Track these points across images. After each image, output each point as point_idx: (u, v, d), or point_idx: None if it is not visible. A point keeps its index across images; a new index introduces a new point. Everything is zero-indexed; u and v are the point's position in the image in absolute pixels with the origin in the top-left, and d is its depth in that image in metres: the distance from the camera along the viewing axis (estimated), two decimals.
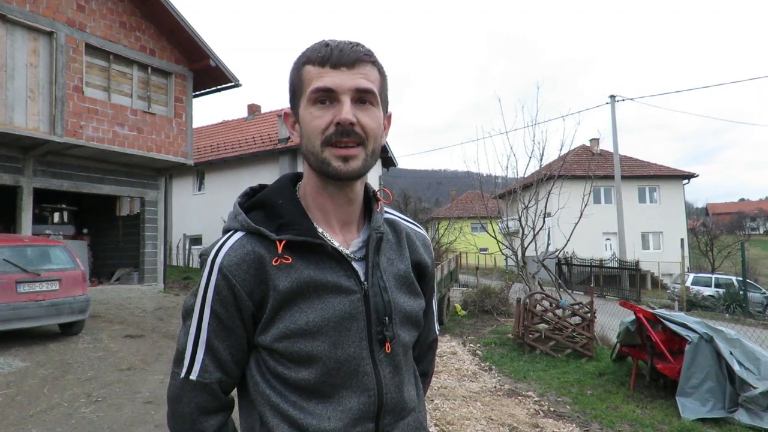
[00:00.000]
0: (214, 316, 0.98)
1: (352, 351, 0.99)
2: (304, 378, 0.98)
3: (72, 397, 5.41)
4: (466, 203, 43.02)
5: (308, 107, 0.99)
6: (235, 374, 1.03)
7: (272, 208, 1.03)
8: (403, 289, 1.09)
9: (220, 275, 0.97)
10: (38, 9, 11.13)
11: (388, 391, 1.02)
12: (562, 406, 5.74)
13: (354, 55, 0.98)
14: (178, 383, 1.01)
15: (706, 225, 38.61)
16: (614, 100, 21.95)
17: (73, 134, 11.48)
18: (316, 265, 0.99)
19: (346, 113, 0.95)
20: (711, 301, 16.95)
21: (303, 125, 1.01)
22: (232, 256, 0.98)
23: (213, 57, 14.06)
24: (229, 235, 1.02)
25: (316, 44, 1.03)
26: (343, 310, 0.99)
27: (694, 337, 5.46)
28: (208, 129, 26.25)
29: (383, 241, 1.08)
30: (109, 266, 15.11)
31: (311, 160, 1.01)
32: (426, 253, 1.19)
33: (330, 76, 0.97)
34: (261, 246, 0.99)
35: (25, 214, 11.55)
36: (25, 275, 7.30)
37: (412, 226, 1.21)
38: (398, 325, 1.05)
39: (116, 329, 8.78)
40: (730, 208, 79.55)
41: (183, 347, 1.01)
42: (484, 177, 12.20)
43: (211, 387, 1.00)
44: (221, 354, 1.00)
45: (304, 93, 1.00)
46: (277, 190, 1.07)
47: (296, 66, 1.02)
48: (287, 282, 0.97)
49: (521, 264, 10.10)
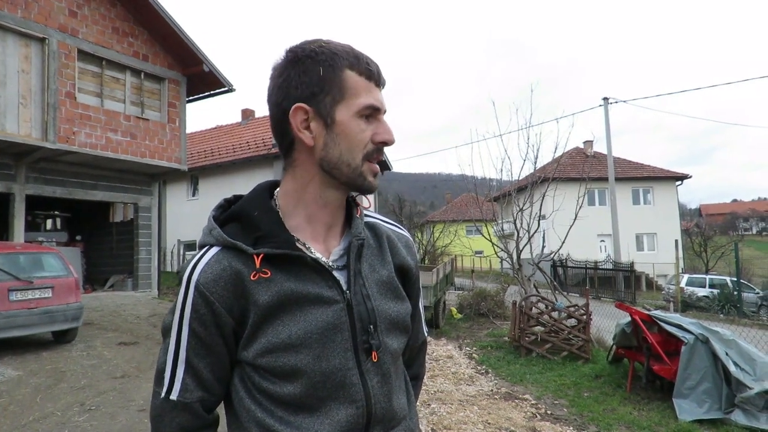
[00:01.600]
0: (193, 334, 0.96)
1: (338, 362, 0.97)
2: (289, 392, 0.95)
3: (65, 406, 5.35)
4: (461, 206, 43.07)
5: (356, 118, 0.97)
6: (217, 392, 1.01)
7: (248, 220, 1.00)
8: (388, 294, 1.07)
9: (197, 292, 0.95)
10: (30, 15, 11.08)
11: (376, 402, 1.00)
12: (559, 409, 5.74)
13: (384, 79, 1.03)
14: (159, 403, 0.99)
15: (700, 226, 38.83)
16: (607, 102, 22.05)
17: (65, 140, 11.43)
18: (296, 276, 0.97)
19: (391, 135, 1.00)
20: (706, 301, 17.03)
21: (344, 134, 0.97)
22: (209, 272, 0.95)
23: (206, 62, 14.04)
24: (205, 250, 0.99)
25: (347, 48, 0.99)
26: (326, 321, 0.96)
27: (690, 338, 5.47)
28: (201, 134, 26.18)
29: (364, 247, 1.06)
30: (103, 273, 15.03)
31: (344, 170, 0.98)
32: (409, 254, 1.16)
33: (377, 94, 1.00)
34: (238, 260, 0.96)
35: (17, 221, 11.47)
36: (18, 283, 7.23)
37: (394, 228, 1.19)
38: (384, 333, 1.03)
39: (110, 336, 8.71)
40: (723, 209, 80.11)
41: (162, 366, 0.99)
42: (479, 180, 12.20)
43: (193, 406, 0.97)
44: (202, 372, 0.97)
45: (346, 98, 0.97)
46: (253, 200, 1.04)
47: (331, 65, 0.97)
48: (267, 296, 0.95)
49: (517, 266, 10.11)
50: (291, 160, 1.03)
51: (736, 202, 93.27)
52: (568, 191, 10.89)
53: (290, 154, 1.02)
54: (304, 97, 0.97)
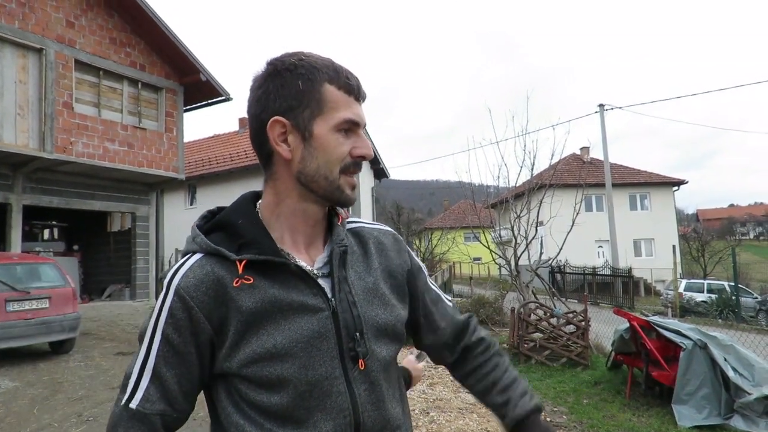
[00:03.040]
0: (165, 340, 0.93)
1: (324, 371, 0.95)
2: (276, 403, 0.94)
3: (62, 417, 5.32)
4: (459, 213, 43.15)
5: (334, 132, 0.97)
6: (181, 408, 0.96)
7: (232, 229, 0.99)
8: (375, 301, 1.06)
9: (176, 297, 0.93)
10: (27, 26, 11.12)
11: (364, 410, 0.99)
12: (559, 416, 5.72)
13: (365, 93, 1.04)
14: (117, 411, 0.94)
15: (697, 231, 38.92)
16: (603, 108, 22.16)
17: (63, 150, 11.44)
18: (281, 284, 0.96)
19: (369, 149, 1.01)
20: (704, 306, 17.05)
21: (322, 148, 0.97)
22: (190, 277, 0.94)
23: (203, 71, 14.09)
24: (188, 257, 0.98)
25: (326, 61, 0.99)
26: (312, 330, 0.95)
27: (689, 344, 5.47)
28: (199, 143, 26.21)
29: (348, 254, 1.06)
30: (101, 283, 14.99)
31: (321, 183, 0.98)
32: (397, 252, 1.16)
33: (357, 108, 1.00)
34: (221, 267, 0.95)
35: (14, 231, 11.46)
36: (15, 293, 7.20)
37: (378, 227, 1.18)
38: (372, 340, 1.02)
39: (108, 347, 8.67)
40: (720, 214, 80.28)
41: (129, 372, 0.96)
42: (476, 187, 12.26)
43: (151, 419, 0.93)
44: (168, 383, 0.94)
45: (325, 112, 0.97)
46: (237, 209, 1.04)
47: (309, 78, 0.97)
48: (251, 302, 0.94)
49: (515, 273, 10.11)
50: (270, 173, 1.03)
51: (733, 206, 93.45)
52: (566, 197, 10.93)
53: (269, 167, 1.03)
54: (282, 110, 0.97)
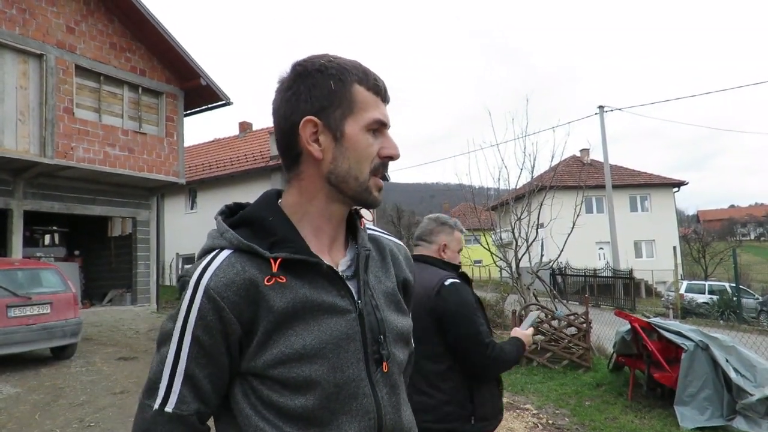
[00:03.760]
0: (196, 342, 0.91)
1: (351, 373, 0.95)
2: (301, 405, 0.92)
3: (64, 422, 5.32)
4: (459, 216, 42.97)
5: (364, 132, 0.98)
6: (213, 404, 0.96)
7: (261, 225, 0.98)
8: (392, 306, 1.08)
9: (206, 298, 0.91)
10: (28, 32, 11.15)
11: (386, 413, 0.99)
12: (561, 419, 5.71)
13: (390, 95, 1.05)
14: (149, 416, 0.92)
15: (698, 232, 38.88)
16: (603, 110, 22.17)
17: (63, 156, 11.45)
18: (310, 284, 0.96)
19: (397, 150, 1.02)
20: (705, 308, 17.01)
21: (353, 148, 0.98)
22: (221, 276, 0.91)
23: (204, 76, 14.11)
24: (215, 253, 0.95)
25: (355, 63, 1.01)
26: (341, 331, 0.96)
27: (690, 345, 5.46)
28: (199, 147, 26.25)
29: (370, 259, 1.07)
30: (102, 288, 14.98)
31: (351, 184, 0.99)
32: (408, 267, 1.19)
33: (384, 109, 1.02)
34: (252, 265, 0.93)
35: (15, 237, 11.46)
36: (16, 299, 7.21)
37: (393, 239, 1.20)
38: (392, 344, 1.03)
39: (109, 352, 8.67)
40: (720, 215, 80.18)
41: (157, 376, 0.93)
42: (476, 189, 12.27)
43: (189, 419, 0.92)
44: (201, 383, 0.92)
45: (355, 113, 0.98)
46: (265, 206, 1.02)
47: (340, 79, 0.98)
48: (282, 302, 0.92)
49: (516, 275, 10.10)
50: (296, 173, 1.02)
51: (734, 207, 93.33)
52: (566, 199, 10.94)
53: (296, 167, 1.02)
54: (314, 110, 0.97)
